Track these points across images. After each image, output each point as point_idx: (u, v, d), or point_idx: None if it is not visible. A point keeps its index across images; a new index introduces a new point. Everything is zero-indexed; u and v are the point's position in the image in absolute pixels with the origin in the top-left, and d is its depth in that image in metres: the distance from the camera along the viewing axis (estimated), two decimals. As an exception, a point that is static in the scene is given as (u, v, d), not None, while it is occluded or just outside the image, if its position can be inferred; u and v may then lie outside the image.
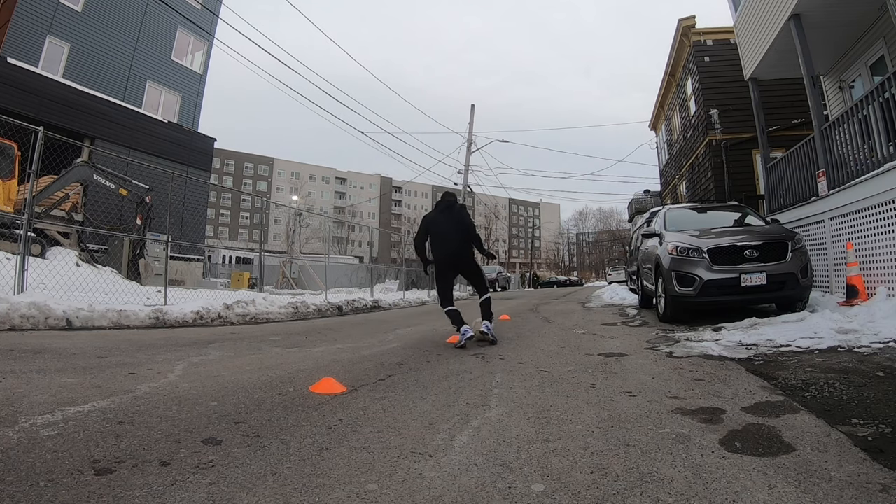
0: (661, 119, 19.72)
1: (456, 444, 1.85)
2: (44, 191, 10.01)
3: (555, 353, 4.06)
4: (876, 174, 5.45)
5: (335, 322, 7.48)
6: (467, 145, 24.17)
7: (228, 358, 3.71)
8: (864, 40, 7.99)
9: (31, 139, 6.24)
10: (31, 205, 6.16)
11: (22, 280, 5.62)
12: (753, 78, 9.32)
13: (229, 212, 69.06)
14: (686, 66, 14.59)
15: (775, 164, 8.73)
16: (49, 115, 13.01)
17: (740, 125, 12.14)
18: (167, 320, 5.98)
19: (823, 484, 1.45)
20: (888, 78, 5.27)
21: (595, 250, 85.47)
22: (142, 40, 17.46)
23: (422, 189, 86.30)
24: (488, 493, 1.44)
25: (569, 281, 53.98)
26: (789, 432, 1.92)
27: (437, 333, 5.64)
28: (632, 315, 7.58)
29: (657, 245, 6.61)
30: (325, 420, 2.14)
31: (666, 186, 20.33)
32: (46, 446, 1.66)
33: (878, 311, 4.31)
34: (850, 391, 2.43)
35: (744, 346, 3.90)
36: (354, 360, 3.73)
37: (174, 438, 1.82)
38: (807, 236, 6.98)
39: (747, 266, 5.42)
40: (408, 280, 17.96)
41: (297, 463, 1.64)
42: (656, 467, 1.61)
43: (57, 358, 3.28)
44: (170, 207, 8.80)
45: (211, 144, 20.15)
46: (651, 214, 10.58)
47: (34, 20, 14.35)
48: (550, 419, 2.18)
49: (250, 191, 64.22)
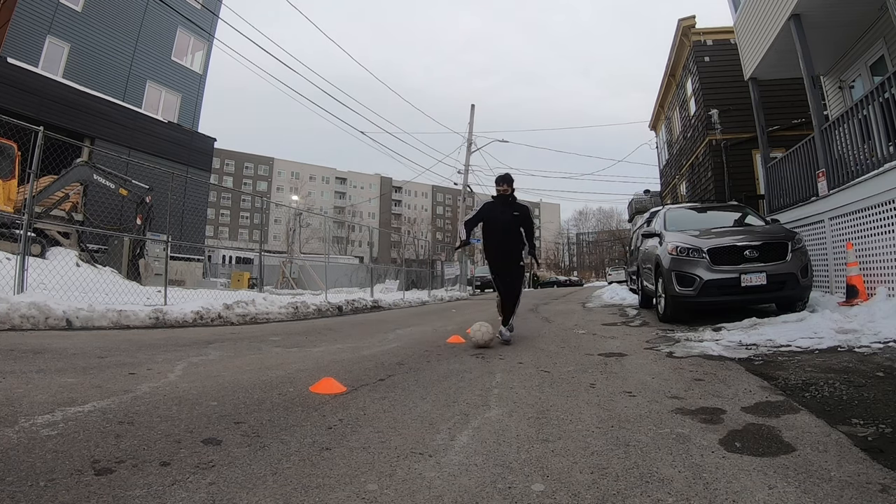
0: (661, 119, 19.72)
1: (456, 444, 1.85)
2: (44, 191, 10.00)
3: (555, 353, 4.06)
4: (876, 174, 5.45)
5: (335, 322, 7.48)
6: (467, 145, 24.18)
7: (228, 358, 3.71)
8: (864, 40, 7.99)
9: (31, 139, 6.23)
10: (31, 205, 6.16)
11: (22, 280, 5.62)
12: (753, 78, 9.32)
13: (229, 212, 69.06)
14: (686, 66, 14.59)
15: (775, 164, 8.73)
16: (49, 115, 13.01)
17: (740, 125, 12.14)
18: (167, 320, 5.97)
19: (823, 484, 1.45)
20: (888, 78, 5.27)
21: (595, 250, 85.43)
22: (142, 40, 17.45)
23: (422, 189, 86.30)
24: (488, 493, 1.44)
25: (569, 281, 53.91)
26: (789, 432, 1.92)
27: (437, 333, 5.64)
28: (632, 315, 7.58)
29: (657, 245, 6.61)
30: (325, 420, 2.14)
31: (666, 186, 20.33)
32: (46, 446, 1.66)
33: (878, 311, 4.31)
34: (850, 391, 2.43)
35: (744, 346, 3.90)
36: (354, 360, 3.73)
37: (174, 438, 1.82)
38: (807, 236, 6.98)
39: (747, 266, 5.42)
40: (408, 280, 17.97)
41: (297, 463, 1.64)
42: (656, 467, 1.61)
43: (57, 358, 3.28)
44: (170, 207, 8.80)
45: (211, 144, 20.15)
46: (651, 214, 10.58)
47: (34, 20, 14.35)
48: (550, 419, 2.18)
49: (250, 191, 64.23)
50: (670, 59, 15.56)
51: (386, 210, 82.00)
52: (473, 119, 24.44)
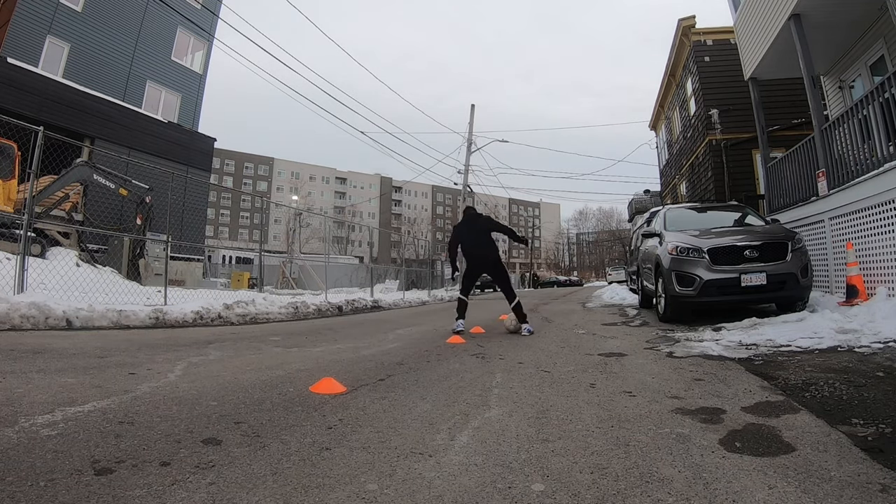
0: (662, 119, 19.72)
1: (456, 444, 1.85)
2: (44, 191, 9.99)
3: (555, 353, 4.06)
4: (876, 174, 5.45)
5: (335, 322, 7.47)
6: (467, 145, 24.18)
7: (228, 358, 3.71)
8: (864, 40, 7.99)
9: (31, 139, 6.24)
10: (31, 205, 6.16)
11: (22, 280, 5.62)
12: (753, 78, 9.32)
13: (229, 212, 69.06)
14: (686, 66, 14.59)
15: (775, 164, 8.73)
16: (49, 115, 13.00)
17: (740, 125, 12.14)
18: (167, 320, 5.97)
19: (823, 484, 1.45)
20: (888, 78, 5.27)
21: (595, 250, 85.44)
22: (142, 40, 17.45)
23: (422, 189, 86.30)
24: (488, 493, 1.44)
25: (569, 281, 53.98)
26: (789, 432, 1.92)
27: (437, 333, 5.64)
28: (632, 315, 7.58)
29: (657, 245, 6.61)
30: (325, 420, 2.14)
31: (666, 186, 20.33)
32: (46, 446, 1.66)
33: (878, 311, 4.31)
34: (850, 391, 2.43)
35: (744, 345, 3.90)
36: (354, 360, 3.73)
37: (174, 438, 1.82)
38: (807, 236, 6.98)
39: (747, 266, 5.42)
40: (408, 280, 17.98)
41: (297, 463, 1.63)
42: (656, 467, 1.61)
43: (57, 358, 3.28)
44: (170, 207, 8.80)
45: (211, 144, 20.15)
46: (651, 214, 10.58)
47: (34, 20, 14.35)
48: (550, 419, 2.18)
49: (250, 191, 64.26)
50: (670, 59, 15.56)
51: (386, 210, 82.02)
52: (473, 119, 24.45)
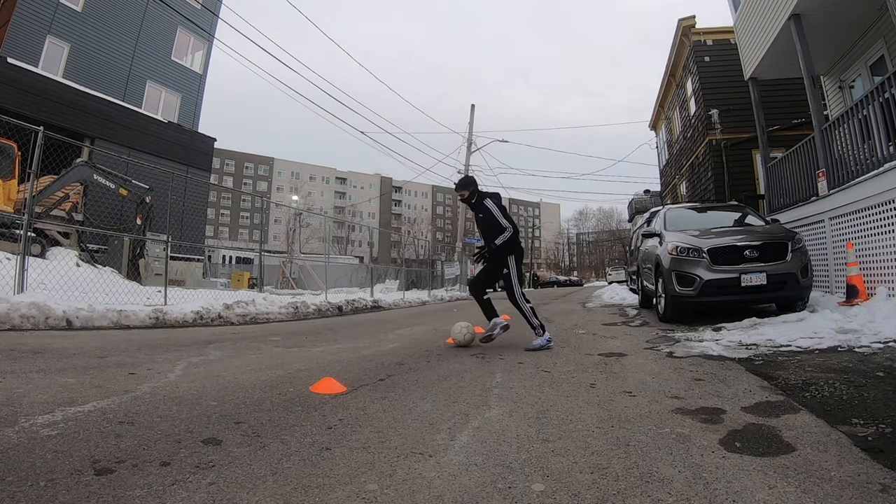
0: (662, 119, 19.72)
1: (456, 444, 1.85)
2: (44, 191, 10.00)
3: (555, 353, 4.06)
4: (876, 174, 5.45)
5: (335, 322, 7.47)
6: (467, 145, 24.19)
7: (228, 358, 3.71)
8: (864, 40, 7.99)
9: (31, 139, 6.24)
10: (31, 205, 6.16)
11: (22, 280, 5.62)
12: (753, 78, 9.32)
13: (229, 212, 69.07)
14: (686, 66, 14.59)
15: (775, 164, 8.73)
16: (49, 115, 13.00)
17: (740, 125, 12.15)
18: (167, 320, 5.97)
19: (823, 484, 1.45)
20: (888, 78, 5.27)
21: (595, 250, 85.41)
22: (142, 40, 17.46)
23: (422, 189, 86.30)
24: (488, 492, 1.43)
25: (569, 281, 53.93)
26: (789, 432, 1.92)
27: (437, 333, 5.64)
28: (632, 315, 7.58)
29: (657, 245, 6.61)
30: (325, 420, 2.14)
31: (666, 186, 20.33)
32: (46, 446, 1.66)
33: (878, 311, 4.31)
34: (850, 391, 2.43)
35: (744, 345, 3.90)
36: (354, 360, 3.73)
37: (174, 438, 1.81)
38: (807, 236, 6.98)
39: (747, 266, 5.42)
40: (408, 280, 17.98)
41: (297, 463, 1.63)
42: (656, 467, 1.60)
43: (57, 358, 3.28)
44: (170, 207, 8.80)
45: (211, 144, 20.15)
46: (651, 214, 10.58)
47: (34, 20, 14.35)
48: (550, 419, 2.18)
49: (250, 191, 64.27)
50: (670, 59, 15.57)
51: (386, 210, 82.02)
52: (473, 119, 24.46)
